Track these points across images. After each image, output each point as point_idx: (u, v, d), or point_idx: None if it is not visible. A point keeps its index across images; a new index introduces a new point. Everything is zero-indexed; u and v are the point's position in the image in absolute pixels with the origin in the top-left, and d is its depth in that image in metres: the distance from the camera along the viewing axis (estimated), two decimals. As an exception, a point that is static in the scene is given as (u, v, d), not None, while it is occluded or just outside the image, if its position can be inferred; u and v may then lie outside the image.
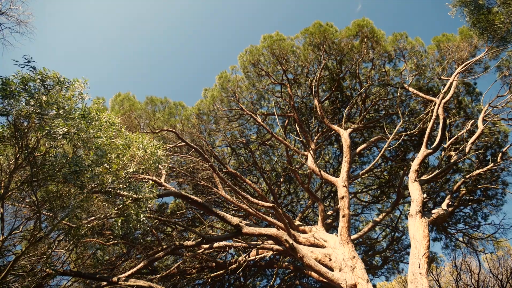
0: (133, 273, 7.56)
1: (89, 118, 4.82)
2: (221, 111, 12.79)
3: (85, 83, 4.98)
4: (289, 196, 16.40)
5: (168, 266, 12.17)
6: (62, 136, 4.27)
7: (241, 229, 8.36)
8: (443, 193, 14.31)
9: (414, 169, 9.41)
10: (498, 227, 12.61)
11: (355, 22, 11.62)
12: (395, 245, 15.48)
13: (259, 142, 14.56)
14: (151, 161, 5.99)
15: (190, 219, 13.66)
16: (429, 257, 7.77)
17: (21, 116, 4.23)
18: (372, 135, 14.34)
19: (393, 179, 14.90)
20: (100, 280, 6.90)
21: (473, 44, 11.71)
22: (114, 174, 5.00)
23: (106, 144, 5.05)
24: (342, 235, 8.82)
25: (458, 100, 13.28)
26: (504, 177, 13.02)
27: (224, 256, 12.83)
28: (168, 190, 8.21)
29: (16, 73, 4.26)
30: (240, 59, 12.34)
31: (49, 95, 4.29)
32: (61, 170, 4.45)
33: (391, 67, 12.91)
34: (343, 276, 7.61)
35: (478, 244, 13.84)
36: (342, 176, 10.06)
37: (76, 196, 5.34)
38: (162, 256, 8.27)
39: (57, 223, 5.58)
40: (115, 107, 11.11)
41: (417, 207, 8.38)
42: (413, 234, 7.89)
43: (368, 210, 16.54)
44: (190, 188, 13.93)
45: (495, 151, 12.92)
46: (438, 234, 14.62)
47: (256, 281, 15.54)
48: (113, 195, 5.35)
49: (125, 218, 5.32)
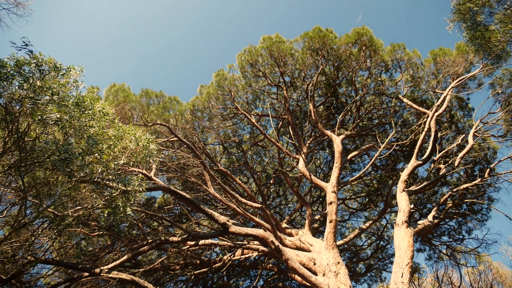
0: (116, 266, 7.48)
1: (83, 106, 4.77)
2: (215, 109, 12.77)
3: (81, 71, 4.93)
4: (278, 198, 16.42)
5: (152, 261, 12.09)
6: (54, 122, 4.21)
7: (228, 228, 8.34)
8: (430, 205, 14.47)
9: (403, 179, 9.51)
10: (481, 241, 12.80)
11: (354, 29, 11.71)
12: (379, 253, 15.59)
13: (252, 143, 14.56)
14: (142, 154, 5.95)
15: (177, 215, 13.59)
16: (412, 267, 7.84)
17: (13, 100, 4.17)
18: (364, 143, 14.45)
19: (382, 188, 15.03)
20: (82, 271, 6.82)
21: (468, 60, 11.88)
22: (104, 164, 4.94)
23: (98, 134, 5.00)
24: (328, 240, 8.86)
25: (451, 114, 13.45)
26: (490, 193, 13.23)
27: (209, 254, 12.79)
28: (157, 185, 8.15)
29: (11, 56, 4.20)
30: (238, 58, 12.33)
31: (44, 80, 4.23)
32: (51, 157, 4.39)
33: (387, 77, 13.02)
34: (326, 281, 7.65)
35: (460, 257, 14.02)
36: (332, 181, 10.11)
37: (63, 184, 5.27)
38: (147, 250, 8.20)
39: (42, 210, 5.51)
40: (109, 97, 11.01)
41: (403, 217, 8.46)
42: (398, 244, 7.96)
43: (355, 217, 16.65)
44: (179, 183, 13.87)
45: (483, 166, 13.11)
46: (422, 245, 14.78)
47: (239, 281, 15.52)
48: (102, 186, 5.30)
49: (112, 210, 5.26)
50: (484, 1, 8.27)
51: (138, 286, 6.85)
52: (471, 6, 8.38)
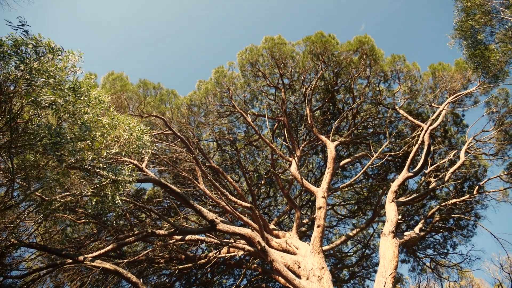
0: (101, 255, 7.44)
1: (79, 92, 4.72)
2: (212, 105, 12.74)
3: (80, 56, 4.88)
4: (267, 199, 16.44)
5: (136, 252, 12.03)
6: (48, 105, 4.17)
7: (215, 225, 8.33)
8: (418, 217, 14.59)
9: (393, 189, 9.57)
10: (465, 257, 12.93)
11: (356, 38, 11.75)
12: (364, 261, 15.69)
13: (246, 142, 14.55)
14: (135, 145, 5.91)
15: (166, 208, 13.55)
16: (395, 277, 7.90)
17: (8, 80, 4.12)
18: (358, 151, 14.53)
19: (371, 196, 15.12)
20: (65, 257, 6.76)
21: (466, 77, 11.99)
22: (96, 152, 4.90)
23: (92, 121, 4.95)
24: (315, 244, 8.89)
25: (445, 129, 13.57)
26: (477, 209, 13.38)
27: (195, 250, 12.76)
28: (148, 177, 8.11)
29: (9, 35, 4.15)
30: (239, 57, 12.32)
31: (40, 62, 4.19)
32: (42, 140, 4.34)
33: (385, 87, 13.10)
34: (310, 285, 7.67)
35: (443, 271, 14.16)
36: (322, 186, 10.15)
37: (53, 169, 5.22)
38: (133, 241, 8.16)
39: (29, 193, 5.45)
40: (107, 85, 10.93)
41: (390, 227, 8.52)
42: (383, 253, 8.02)
43: (343, 224, 16.72)
44: (170, 177, 13.82)
45: (473, 183, 13.24)
46: (407, 256, 14.89)
47: (223, 279, 15.50)
48: (92, 174, 5.25)
49: (100, 198, 5.21)
50: (486, 20, 8.36)
51: (121, 277, 6.81)
52: (473, 24, 8.47)
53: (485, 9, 8.38)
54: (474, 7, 8.39)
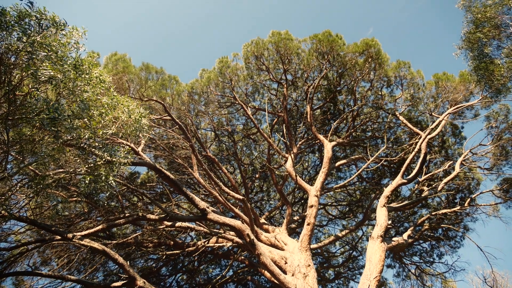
0: (90, 234, 7.45)
1: (80, 69, 4.68)
2: (213, 95, 12.69)
3: (84, 33, 4.83)
4: (260, 193, 16.49)
5: (126, 235, 12.07)
6: (48, 80, 4.14)
7: (206, 214, 8.35)
8: (408, 224, 14.69)
9: (386, 195, 9.62)
10: (450, 267, 13.08)
11: (364, 40, 11.70)
12: (350, 262, 15.81)
13: (244, 134, 14.55)
14: (133, 127, 5.89)
15: (159, 194, 13.56)
16: (380, 281, 7.97)
17: (10, 51, 4.08)
18: (354, 153, 14.56)
19: (363, 199, 15.19)
20: (54, 233, 6.77)
21: (469, 89, 12.00)
22: (93, 131, 4.88)
23: (91, 99, 4.93)
24: (303, 242, 8.95)
25: (443, 139, 13.60)
26: (467, 222, 13.50)
27: (184, 237, 12.82)
28: (143, 160, 8.10)
29: (14, 5, 4.10)
30: (244, 49, 12.25)
31: (43, 35, 4.15)
32: (40, 115, 4.32)
33: (387, 92, 13.09)
34: (294, 281, 7.73)
35: (427, 279, 14.31)
36: (316, 185, 10.18)
37: (49, 144, 5.20)
38: (123, 223, 8.18)
39: (23, 167, 5.44)
40: (109, 65, 10.86)
41: (380, 231, 8.58)
42: (369, 256, 8.08)
43: (333, 224, 16.82)
44: (165, 163, 13.82)
45: (465, 195, 13.32)
46: (393, 261, 15.02)
47: (209, 268, 15.61)
48: (87, 153, 5.24)
49: (93, 178, 5.21)
50: (494, 34, 8.34)
51: (109, 257, 6.84)
52: (480, 37, 8.44)
53: (495, 22, 8.35)
54: (484, 20, 8.36)
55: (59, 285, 9.60)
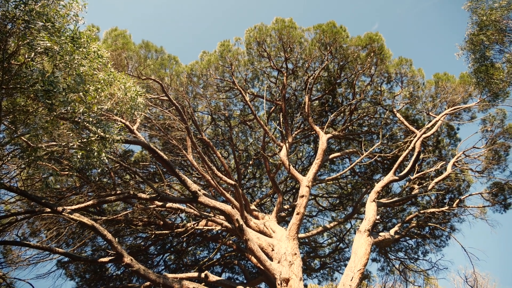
0: (80, 208, 7.47)
1: (78, 42, 4.61)
2: (212, 78, 12.59)
3: (84, 6, 4.75)
4: (253, 180, 16.57)
5: (116, 212, 12.12)
6: (44, 51, 4.07)
7: (197, 197, 8.39)
8: (396, 220, 14.90)
9: (377, 190, 9.72)
10: (434, 265, 13.32)
11: (367, 34, 11.61)
12: (336, 254, 16.07)
13: (241, 120, 14.51)
14: (128, 105, 5.85)
15: (151, 174, 13.58)
16: (364, 274, 8.13)
17: (7, 18, 4.00)
18: (349, 146, 14.62)
19: (354, 193, 15.34)
20: (44, 205, 6.76)
21: (468, 92, 12.01)
22: (87, 106, 4.84)
23: (87, 74, 4.87)
24: (291, 230, 9.06)
25: (438, 139, 13.68)
26: (454, 222, 13.70)
27: (174, 218, 12.91)
28: (138, 139, 8.08)
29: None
30: (247, 34, 12.10)
31: (42, 5, 4.06)
32: (34, 86, 4.26)
33: (387, 88, 13.07)
34: (280, 268, 7.86)
35: (411, 275, 14.60)
36: (308, 176, 10.25)
37: (42, 116, 5.15)
38: (114, 200, 8.19)
39: (16, 137, 5.39)
40: (108, 40, 10.68)
41: (367, 225, 8.71)
42: (355, 249, 8.22)
43: (322, 215, 17.01)
44: (160, 143, 13.79)
45: (454, 196, 13.48)
46: (378, 256, 15.27)
47: (197, 250, 15.78)
48: (81, 127, 5.20)
49: (86, 153, 5.19)
50: (498, 38, 8.30)
51: (97, 233, 6.87)
52: (483, 39, 8.40)
53: (499, 26, 8.29)
54: (489, 23, 8.30)
55: (47, 256, 9.65)
